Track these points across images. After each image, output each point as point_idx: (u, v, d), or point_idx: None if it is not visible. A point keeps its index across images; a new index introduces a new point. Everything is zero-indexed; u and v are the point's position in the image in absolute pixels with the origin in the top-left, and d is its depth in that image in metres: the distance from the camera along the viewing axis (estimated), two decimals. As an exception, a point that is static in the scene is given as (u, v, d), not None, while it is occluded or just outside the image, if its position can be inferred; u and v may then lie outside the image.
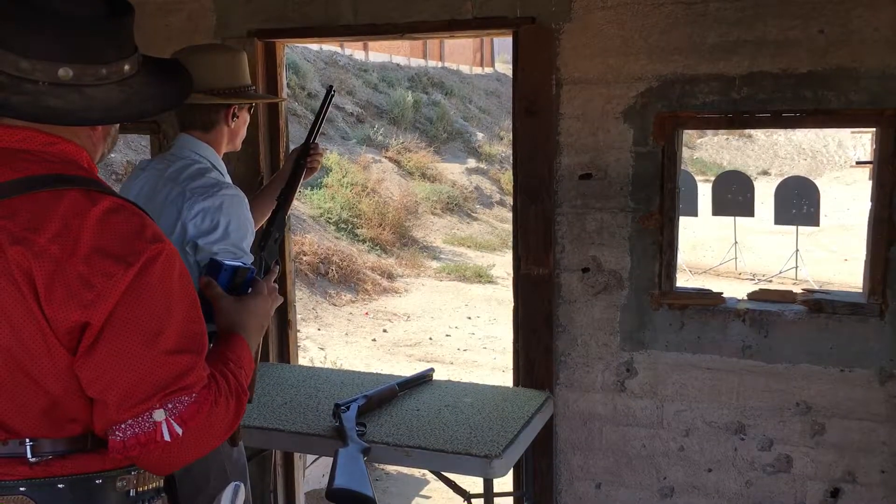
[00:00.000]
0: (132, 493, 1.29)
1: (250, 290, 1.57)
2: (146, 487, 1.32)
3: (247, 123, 2.31)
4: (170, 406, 1.18)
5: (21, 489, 1.21)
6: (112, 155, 9.57)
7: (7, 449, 1.21)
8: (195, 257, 2.05)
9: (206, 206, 2.02)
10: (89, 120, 1.25)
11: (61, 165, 1.23)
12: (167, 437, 1.18)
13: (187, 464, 1.24)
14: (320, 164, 2.48)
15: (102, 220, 1.18)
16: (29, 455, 1.21)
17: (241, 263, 1.55)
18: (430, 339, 8.00)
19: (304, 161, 2.34)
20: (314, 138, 2.36)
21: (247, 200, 2.13)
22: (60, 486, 1.22)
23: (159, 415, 1.18)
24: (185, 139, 2.18)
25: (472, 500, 2.75)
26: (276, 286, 1.69)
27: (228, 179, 2.20)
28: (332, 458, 2.29)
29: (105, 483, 1.26)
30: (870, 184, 2.63)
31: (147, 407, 1.17)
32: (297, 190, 2.33)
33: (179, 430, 1.19)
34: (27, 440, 1.21)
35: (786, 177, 11.87)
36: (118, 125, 1.37)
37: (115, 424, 1.18)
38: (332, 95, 2.35)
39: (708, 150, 23.03)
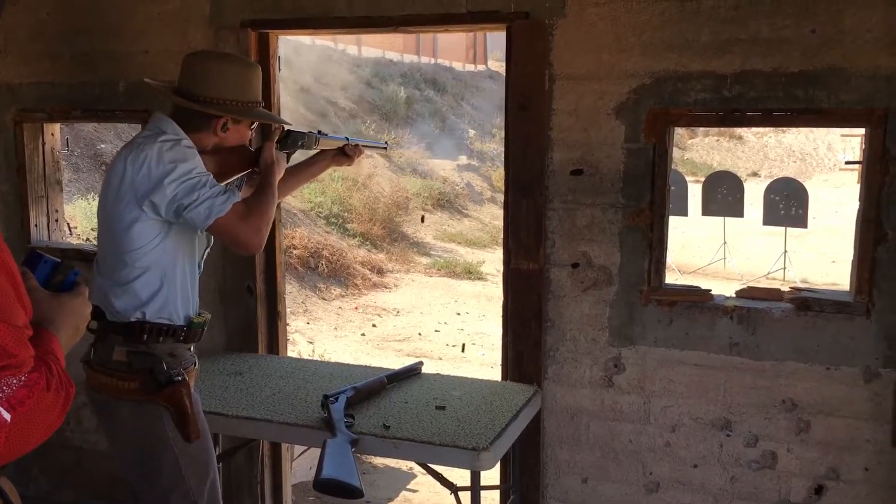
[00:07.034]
0: None
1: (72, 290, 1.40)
2: None
3: (245, 138, 2.27)
4: None
5: None
6: (102, 146, 9.53)
7: None
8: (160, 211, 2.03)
9: (147, 153, 2.02)
10: None
11: None
12: None
13: (10, 459, 1.08)
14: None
15: None
16: None
17: (60, 261, 1.39)
18: (420, 334, 8.00)
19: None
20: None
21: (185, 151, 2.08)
22: None
23: None
24: (163, 121, 2.14)
25: (459, 493, 2.76)
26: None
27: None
28: (319, 450, 2.29)
29: None
30: (858, 187, 2.65)
31: None
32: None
33: (7, 416, 1.03)
34: None
35: (775, 178, 11.92)
36: None
37: None
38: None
39: (698, 151, 23.08)
